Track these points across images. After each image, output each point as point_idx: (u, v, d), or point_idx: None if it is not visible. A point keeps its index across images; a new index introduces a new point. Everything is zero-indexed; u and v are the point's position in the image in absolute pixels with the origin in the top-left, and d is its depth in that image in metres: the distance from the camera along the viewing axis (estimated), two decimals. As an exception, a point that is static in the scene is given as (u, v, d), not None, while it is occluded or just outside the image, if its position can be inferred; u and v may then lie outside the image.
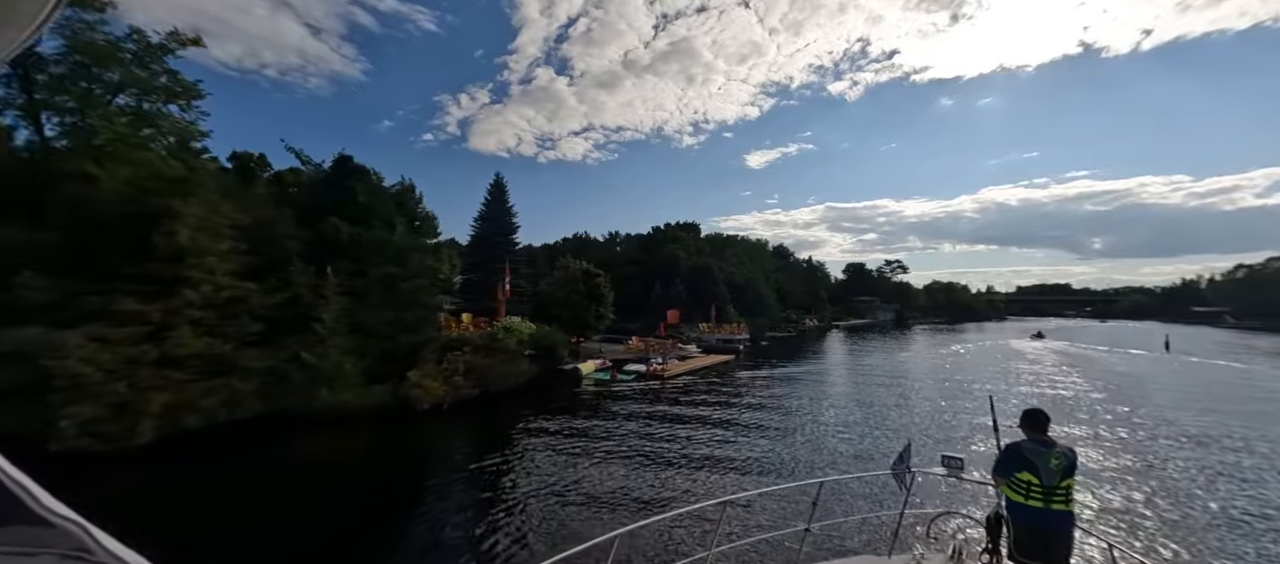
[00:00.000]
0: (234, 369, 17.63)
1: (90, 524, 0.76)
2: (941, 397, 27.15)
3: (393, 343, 22.81)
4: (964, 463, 5.24)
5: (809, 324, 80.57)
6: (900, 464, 5.47)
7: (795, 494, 11.58)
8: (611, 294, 42.15)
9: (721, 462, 16.28)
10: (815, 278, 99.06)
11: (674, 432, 19.70)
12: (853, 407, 25.24)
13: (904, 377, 35.63)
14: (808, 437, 19.48)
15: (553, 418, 21.12)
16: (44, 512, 0.74)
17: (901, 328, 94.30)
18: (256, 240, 20.71)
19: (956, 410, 23.48)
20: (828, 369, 38.98)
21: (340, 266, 22.63)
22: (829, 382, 33.04)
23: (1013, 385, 32.68)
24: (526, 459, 16.27)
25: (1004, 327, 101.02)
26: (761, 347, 53.63)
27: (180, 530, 11.00)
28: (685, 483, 14.32)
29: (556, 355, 28.24)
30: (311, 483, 14.41)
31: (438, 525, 11.60)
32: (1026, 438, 4.38)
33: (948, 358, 47.88)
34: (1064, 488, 4.13)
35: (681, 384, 30.00)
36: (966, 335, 77.08)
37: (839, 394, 28.44)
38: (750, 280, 65.62)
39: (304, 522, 11.88)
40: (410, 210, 30.97)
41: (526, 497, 13.20)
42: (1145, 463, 16.17)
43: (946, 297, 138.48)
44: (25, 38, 0.73)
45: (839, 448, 17.93)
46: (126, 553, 0.76)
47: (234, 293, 18.39)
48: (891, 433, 19.55)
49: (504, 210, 37.76)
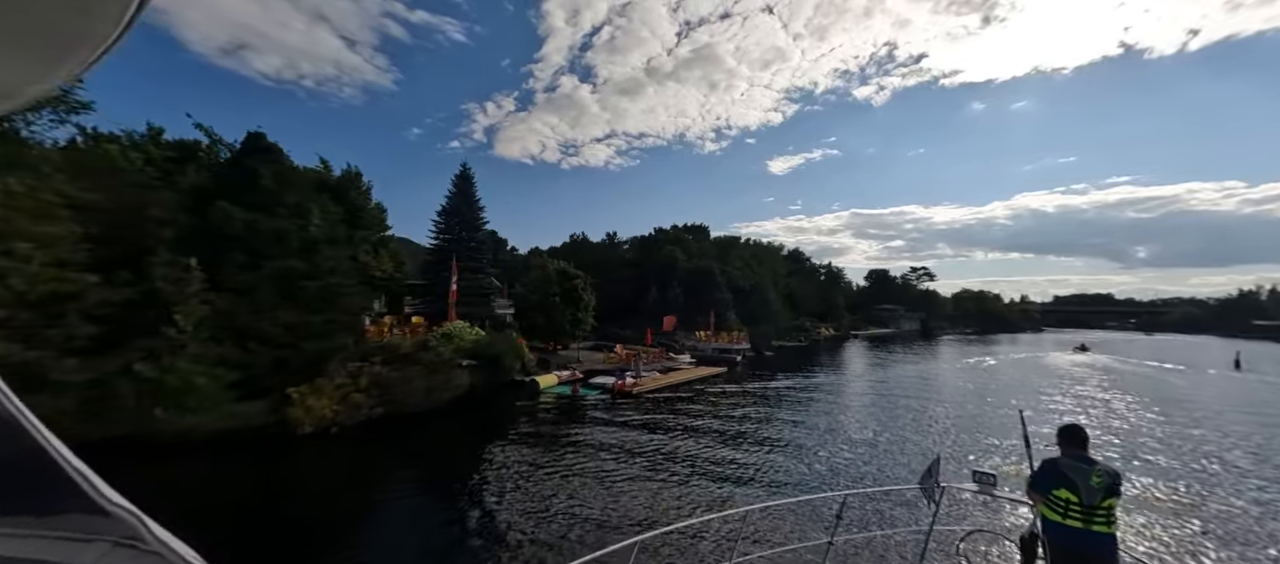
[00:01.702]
0: (44, 384, 13.99)
1: (144, 514, 0.80)
2: (971, 412, 24.17)
3: (292, 351, 19.08)
4: (996, 479, 5.02)
5: (823, 333, 74.84)
6: (928, 479, 5.12)
7: (817, 507, 11.29)
8: (591, 297, 38.06)
9: (689, 501, 12.54)
10: (832, 284, 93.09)
11: (630, 464, 15.65)
12: (866, 426, 21.56)
13: (929, 390, 31.17)
14: (808, 470, 15.54)
15: (480, 444, 17.16)
16: (101, 500, 0.78)
17: (927, 338, 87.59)
18: (118, 227, 17.26)
19: (988, 426, 21.25)
20: (839, 384, 34.00)
21: (230, 260, 19.06)
22: (838, 399, 28.20)
23: (1054, 404, 27.78)
24: (408, 504, 12.29)
25: (1040, 338, 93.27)
26: (765, 357, 48.71)
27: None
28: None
29: (503, 366, 24.18)
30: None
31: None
32: (1065, 454, 4.09)
33: (978, 371, 42.53)
34: (1106, 508, 3.79)
35: (656, 401, 25.59)
36: (998, 347, 70.45)
37: (848, 415, 23.71)
38: (757, 285, 60.66)
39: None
40: (351, 201, 27.47)
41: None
42: (1226, 505, 12.82)
43: (977, 306, 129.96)
44: (99, 53, 0.74)
45: (857, 467, 15.67)
46: (176, 543, 0.80)
47: (60, 287, 14.82)
48: (912, 452, 17.26)
49: (470, 205, 34.07)
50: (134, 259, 17.01)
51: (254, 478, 14.24)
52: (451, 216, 33.50)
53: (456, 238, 33.49)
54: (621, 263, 62.83)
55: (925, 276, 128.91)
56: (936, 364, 48.90)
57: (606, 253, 64.79)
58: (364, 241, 26.67)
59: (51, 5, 0.66)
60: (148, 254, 17.23)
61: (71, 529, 0.81)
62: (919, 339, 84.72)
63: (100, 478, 0.79)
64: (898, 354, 57.83)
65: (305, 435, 16.79)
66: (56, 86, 0.95)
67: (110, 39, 0.71)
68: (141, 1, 0.67)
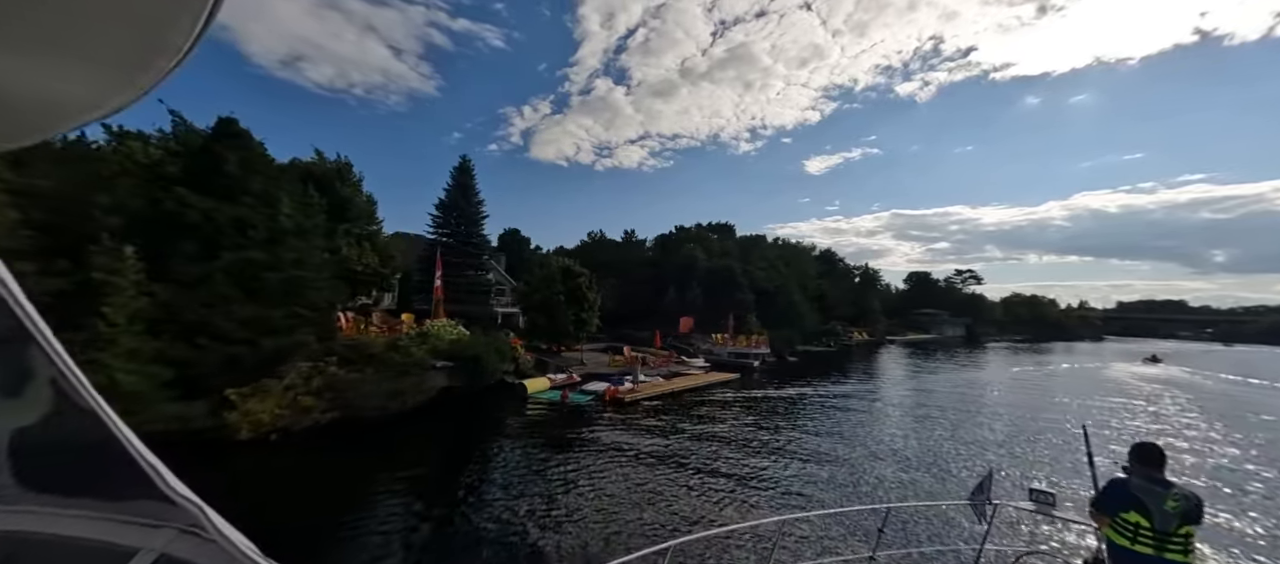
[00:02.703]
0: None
1: (205, 505, 0.90)
2: (1025, 426, 22.30)
3: (249, 348, 17.72)
4: (1056, 498, 4.74)
5: (856, 338, 70.40)
6: (980, 494, 5.00)
7: (857, 519, 10.81)
8: (597, 297, 35.95)
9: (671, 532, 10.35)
10: (868, 286, 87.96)
11: (601, 484, 13.74)
12: (898, 438, 19.75)
13: (975, 401, 28.69)
14: (820, 489, 13.73)
15: (438, 455, 15.73)
16: (169, 490, 0.88)
17: (972, 345, 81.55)
18: (62, 213, 16.24)
19: (1044, 442, 19.59)
20: (868, 391, 30.78)
21: (181, 249, 17.88)
22: (865, 408, 25.27)
23: (1121, 421, 24.25)
24: (329, 526, 10.56)
25: (1101, 348, 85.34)
26: (787, 363, 45.43)
27: None
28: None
29: (483, 368, 22.30)
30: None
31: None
32: (1137, 475, 3.64)
33: (1031, 382, 38.59)
34: (1182, 537, 3.36)
35: (650, 410, 23.20)
36: (1053, 356, 64.42)
37: (875, 426, 20.94)
38: (782, 286, 57.16)
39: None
40: (337, 192, 26.26)
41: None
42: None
43: (1029, 311, 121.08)
44: (174, 64, 0.82)
45: (872, 480, 12.94)
46: (233, 533, 0.89)
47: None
48: (956, 466, 16.25)
49: (469, 199, 32.53)
50: (74, 248, 15.94)
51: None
52: (449, 211, 32.07)
53: (454, 233, 32.01)
54: (640, 262, 60.58)
55: (971, 279, 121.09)
56: (983, 373, 45.00)
57: (625, 252, 62.65)
58: (348, 234, 25.31)
59: (130, 18, 0.73)
60: (91, 242, 16.13)
61: (143, 514, 0.93)
62: (963, 346, 78.86)
63: (168, 470, 0.89)
64: (939, 361, 53.36)
65: (241, 442, 15.29)
66: (137, 98, 0.93)
67: (183, 50, 0.78)
68: (211, 14, 0.73)
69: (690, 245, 56.45)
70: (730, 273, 52.34)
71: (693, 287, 52.14)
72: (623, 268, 59.81)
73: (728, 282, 51.93)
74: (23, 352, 0.84)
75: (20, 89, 0.87)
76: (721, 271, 52.74)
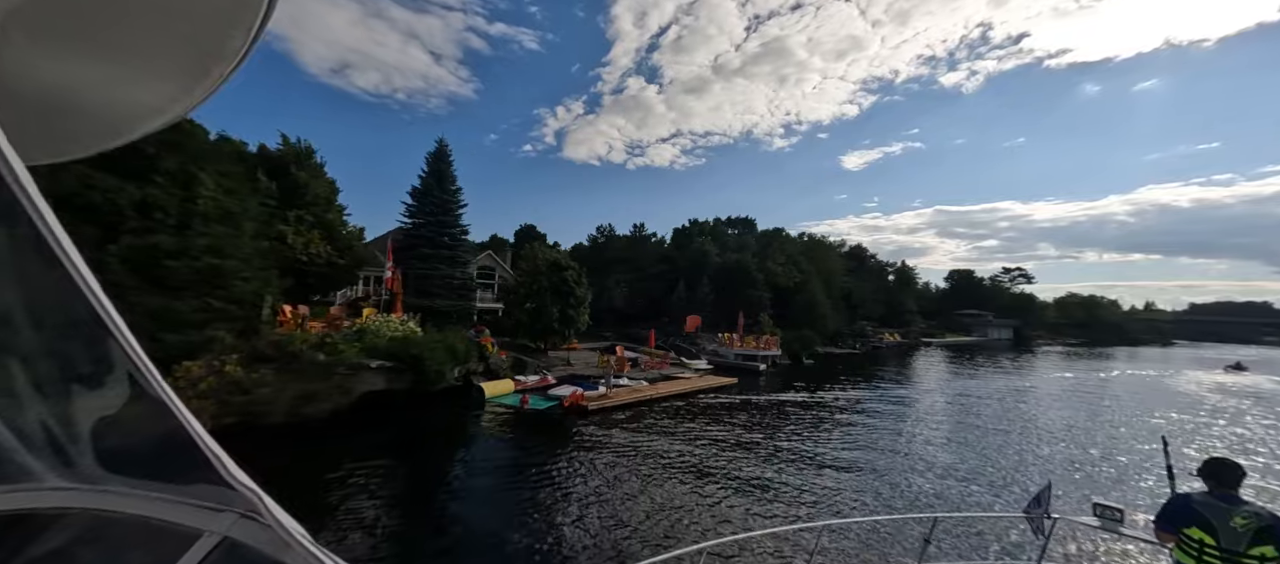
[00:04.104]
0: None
1: (262, 492, 0.92)
2: (1086, 438, 20.21)
3: (150, 344, 15.62)
4: (1123, 515, 4.47)
5: (888, 340, 65.07)
6: (1037, 508, 4.75)
7: (903, 528, 10.12)
8: (586, 292, 33.05)
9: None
10: (903, 285, 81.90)
11: (526, 512, 11.29)
12: (922, 456, 15.97)
13: (1025, 412, 25.60)
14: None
15: (338, 470, 12.84)
16: (229, 477, 0.91)
17: (1021, 349, 74.50)
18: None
19: (1108, 454, 17.89)
20: (894, 398, 26.78)
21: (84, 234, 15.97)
22: (889, 420, 21.66)
23: (1203, 438, 20.38)
24: None
25: (1170, 354, 76.52)
26: (804, 366, 41.38)
27: None
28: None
29: (425, 369, 19.71)
30: None
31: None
32: (1204, 491, 3.47)
33: (1089, 390, 33.73)
34: (1256, 557, 3.11)
35: (617, 421, 20.11)
36: (1114, 362, 57.55)
37: (896, 447, 17.12)
38: (802, 283, 52.85)
39: None
40: (292, 177, 24.31)
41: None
42: None
43: (1086, 313, 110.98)
44: (232, 68, 0.90)
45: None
46: (289, 521, 0.90)
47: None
48: (1000, 480, 14.99)
49: (444, 187, 30.20)
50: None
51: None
52: (424, 199, 29.85)
53: (428, 223, 29.77)
54: (652, 258, 57.43)
55: (1021, 278, 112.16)
56: (1033, 378, 40.29)
57: (636, 247, 59.60)
58: (300, 221, 23.27)
59: (190, 29, 0.81)
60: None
61: (207, 498, 0.96)
62: (1009, 349, 72.06)
63: (229, 457, 0.92)
64: (980, 365, 48.11)
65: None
66: (198, 102, 1.07)
67: (238, 57, 0.87)
68: (262, 24, 0.80)
69: (700, 239, 52.89)
70: (744, 269, 48.50)
71: (703, 283, 48.59)
72: (635, 265, 56.86)
73: (741, 278, 48.13)
74: (103, 344, 0.90)
75: (96, 97, 1.02)
76: (734, 267, 48.96)
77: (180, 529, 0.97)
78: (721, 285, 48.32)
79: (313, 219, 23.82)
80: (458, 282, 29.45)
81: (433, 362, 19.78)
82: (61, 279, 0.82)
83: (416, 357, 19.47)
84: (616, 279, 54.06)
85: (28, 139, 0.85)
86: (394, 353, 19.38)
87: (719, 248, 53.19)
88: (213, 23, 0.81)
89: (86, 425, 1.13)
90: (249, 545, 0.92)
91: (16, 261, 0.89)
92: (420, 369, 19.62)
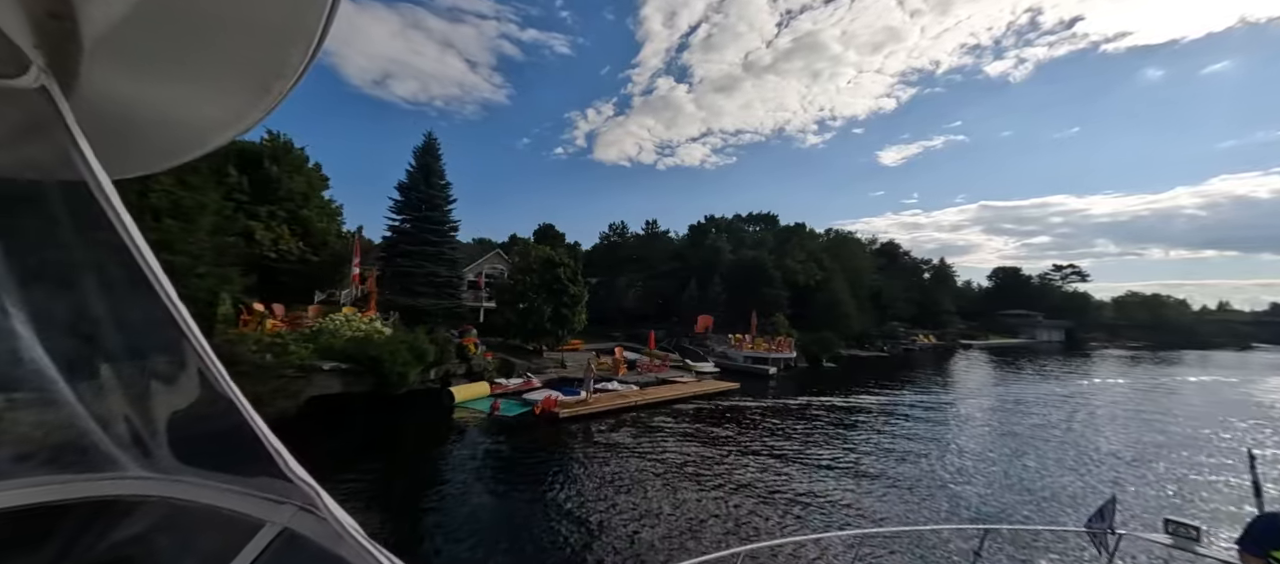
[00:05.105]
0: None
1: (319, 487, 0.96)
2: (1153, 451, 18.48)
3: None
4: (1199, 533, 4.10)
5: (922, 342, 60.81)
6: (1099, 522, 4.50)
7: (951, 539, 9.65)
8: (582, 290, 31.30)
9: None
10: (939, 283, 76.85)
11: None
12: (951, 475, 13.38)
13: (1078, 422, 22.99)
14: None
15: None
16: (289, 471, 0.96)
17: (1072, 351, 68.59)
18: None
19: (1177, 469, 16.38)
20: (922, 405, 24.00)
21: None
22: (910, 433, 18.83)
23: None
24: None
25: (1248, 358, 68.82)
26: (823, 369, 38.43)
27: None
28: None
29: (385, 371, 18.30)
30: None
31: None
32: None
33: (1157, 399, 30.35)
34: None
35: (591, 430, 18.20)
36: (1182, 367, 51.84)
37: (918, 473, 14.52)
38: (824, 281, 49.64)
39: None
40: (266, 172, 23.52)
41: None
42: None
43: (1149, 313, 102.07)
44: (292, 83, 0.96)
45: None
46: (343, 515, 0.94)
47: None
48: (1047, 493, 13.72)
49: (432, 182, 29.03)
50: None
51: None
52: (410, 193, 28.78)
53: (414, 219, 28.66)
54: (665, 256, 55.35)
55: (1074, 276, 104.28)
56: (1089, 384, 36.64)
57: (649, 246, 57.62)
58: (273, 217, 22.39)
59: (255, 40, 0.87)
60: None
61: (269, 491, 1.04)
62: (1060, 352, 66.32)
63: (289, 453, 0.96)
64: (1025, 369, 44.09)
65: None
66: (262, 117, 1.11)
67: (299, 72, 0.92)
68: (320, 40, 0.85)
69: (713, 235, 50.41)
70: (759, 266, 45.78)
71: (715, 282, 46.17)
72: (647, 263, 54.98)
73: (756, 276, 45.44)
74: (178, 345, 0.97)
75: (171, 116, 1.09)
76: (749, 265, 46.30)
77: (245, 519, 1.05)
78: (735, 284, 45.76)
79: (285, 215, 22.89)
80: (442, 279, 28.16)
81: (392, 363, 18.38)
82: (141, 283, 0.88)
83: (374, 358, 18.09)
84: (629, 279, 52.31)
85: (112, 155, 0.90)
86: (350, 354, 18.06)
87: (734, 245, 50.57)
88: (275, 42, 0.87)
89: (162, 419, 1.24)
90: (307, 537, 0.98)
91: (104, 267, 0.99)
92: (379, 371, 18.23)
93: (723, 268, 46.83)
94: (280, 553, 0.99)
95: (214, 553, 1.08)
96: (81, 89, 0.91)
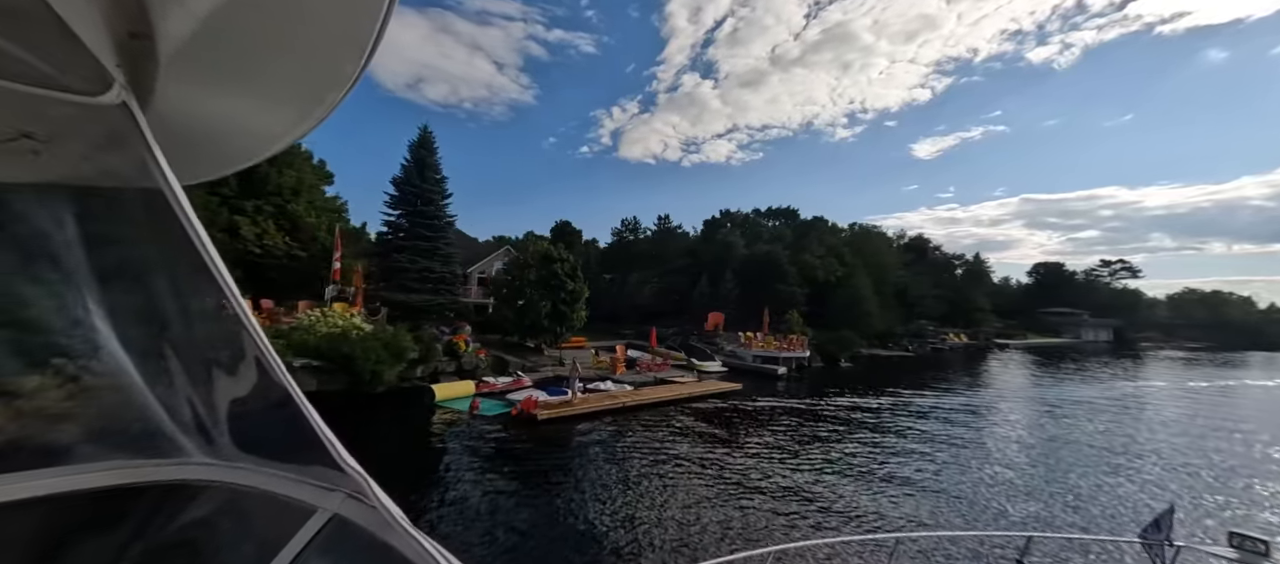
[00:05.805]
0: None
1: (368, 476, 0.99)
2: (1215, 461, 16.87)
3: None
4: (1268, 547, 3.96)
5: (952, 341, 57.53)
6: (1156, 532, 4.33)
7: (992, 546, 9.60)
8: (581, 287, 30.24)
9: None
10: (972, 279, 72.86)
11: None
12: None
13: (1129, 430, 20.96)
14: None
15: None
16: (340, 459, 0.98)
17: (1122, 352, 63.83)
18: None
19: (1241, 478, 14.86)
20: (947, 410, 22.02)
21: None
22: (931, 445, 17.06)
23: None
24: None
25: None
26: (841, 370, 36.35)
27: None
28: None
29: (358, 369, 17.62)
30: None
31: None
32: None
33: (1219, 404, 27.89)
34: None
35: (577, 431, 17.09)
36: (1247, 370, 47.56)
37: (937, 485, 12.89)
38: (844, 277, 47.30)
39: None
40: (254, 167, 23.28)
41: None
42: None
43: (1208, 312, 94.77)
44: (344, 93, 1.00)
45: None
46: (391, 504, 0.96)
47: None
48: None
49: (427, 177, 28.43)
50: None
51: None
52: (405, 188, 28.26)
53: (408, 213, 28.12)
54: (677, 251, 53.91)
55: (1123, 272, 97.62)
56: (1140, 387, 33.68)
57: (662, 242, 56.24)
58: (259, 211, 22.11)
59: (312, 53, 0.91)
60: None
61: (320, 478, 1.08)
62: (1107, 353, 61.78)
63: (339, 442, 0.99)
64: (1069, 372, 40.84)
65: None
66: (314, 125, 1.17)
67: (350, 82, 0.96)
68: (371, 51, 0.87)
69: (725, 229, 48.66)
70: (773, 261, 43.86)
71: (727, 278, 44.49)
72: (660, 260, 53.64)
73: (771, 272, 43.56)
74: (237, 337, 1.02)
75: (235, 125, 1.14)
76: (763, 260, 44.43)
77: (299, 505, 1.09)
78: (748, 280, 43.98)
79: (272, 210, 22.58)
80: (437, 275, 27.54)
81: (366, 361, 17.69)
82: (207, 280, 0.92)
83: (347, 356, 17.43)
84: (642, 275, 51.12)
85: (182, 163, 0.95)
86: (323, 352, 17.45)
87: (748, 239, 48.71)
88: (330, 54, 0.92)
89: (223, 408, 1.28)
90: (356, 524, 1.01)
91: (174, 267, 1.04)
92: (352, 369, 17.56)
93: (735, 263, 45.11)
94: (331, 538, 1.01)
95: (269, 537, 1.11)
96: (156, 103, 0.96)
